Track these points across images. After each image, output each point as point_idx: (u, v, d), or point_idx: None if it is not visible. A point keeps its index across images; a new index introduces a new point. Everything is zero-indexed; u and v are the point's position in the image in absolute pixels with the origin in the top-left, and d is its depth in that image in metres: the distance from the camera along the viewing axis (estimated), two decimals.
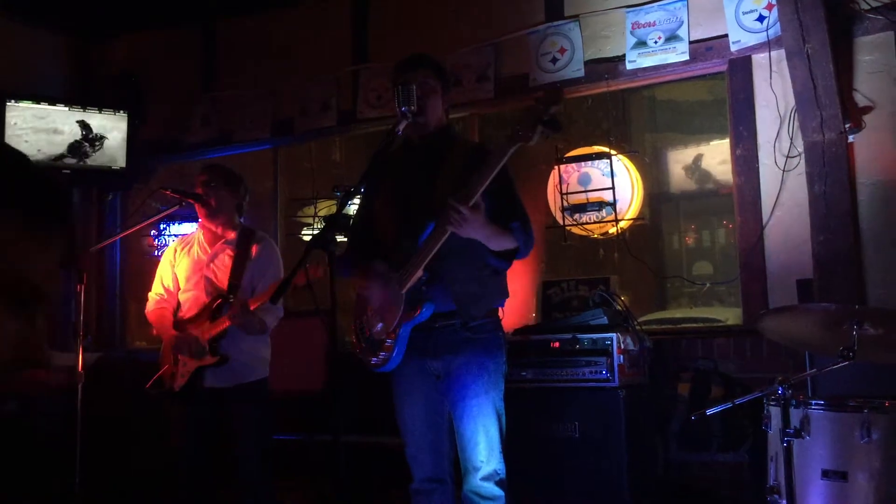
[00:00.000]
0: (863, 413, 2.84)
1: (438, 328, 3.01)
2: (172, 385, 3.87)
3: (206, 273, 3.95)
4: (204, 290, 3.92)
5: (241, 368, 3.87)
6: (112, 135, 6.02)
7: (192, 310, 3.94)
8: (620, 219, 4.88)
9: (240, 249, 3.93)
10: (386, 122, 5.52)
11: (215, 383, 3.84)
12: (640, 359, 4.16)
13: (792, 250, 4.35)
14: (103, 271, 6.55)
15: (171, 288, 4.06)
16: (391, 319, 3.01)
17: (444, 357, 3.05)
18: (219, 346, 3.80)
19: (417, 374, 3.10)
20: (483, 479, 3.02)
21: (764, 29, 4.41)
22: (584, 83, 5.01)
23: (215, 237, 4.01)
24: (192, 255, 4.02)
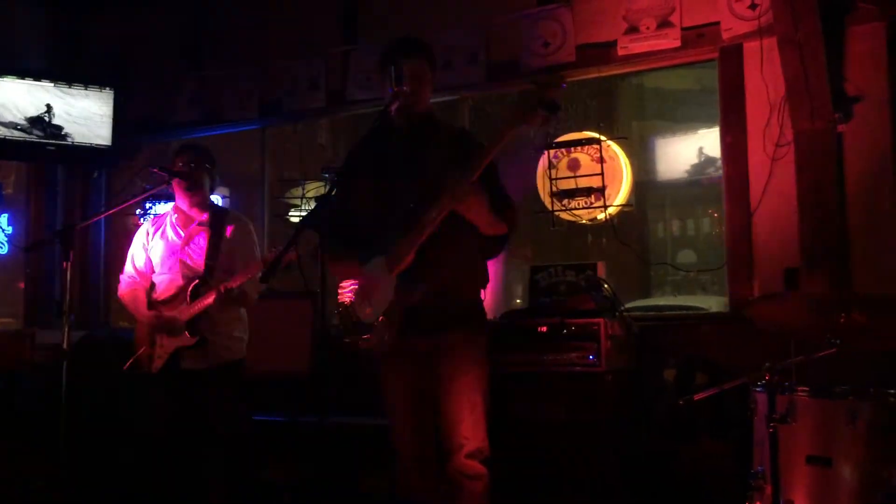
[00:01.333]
0: (848, 400, 2.87)
1: (428, 308, 3.01)
2: (150, 367, 3.86)
3: (181, 256, 3.96)
4: (180, 273, 3.93)
5: (219, 349, 3.89)
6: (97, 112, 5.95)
7: (168, 292, 3.94)
8: (609, 205, 4.88)
9: (214, 230, 3.94)
10: (376, 103, 5.48)
11: (193, 365, 3.85)
12: (627, 344, 4.18)
13: (779, 239, 4.36)
14: (87, 250, 6.50)
15: (144, 270, 4.06)
16: (382, 302, 3.02)
17: (432, 335, 3.06)
18: (197, 328, 3.80)
19: (405, 354, 3.11)
20: (467, 457, 3.03)
21: (756, 17, 4.41)
22: (576, 68, 4.99)
23: (188, 219, 4.01)
24: (166, 237, 4.02)
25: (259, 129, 6.17)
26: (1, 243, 6.58)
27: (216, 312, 3.82)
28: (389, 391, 3.20)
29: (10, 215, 6.69)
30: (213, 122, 6.13)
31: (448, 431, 3.07)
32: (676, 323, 4.72)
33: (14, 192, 6.96)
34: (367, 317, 3.07)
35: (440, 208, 2.88)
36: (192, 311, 3.80)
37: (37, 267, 6.49)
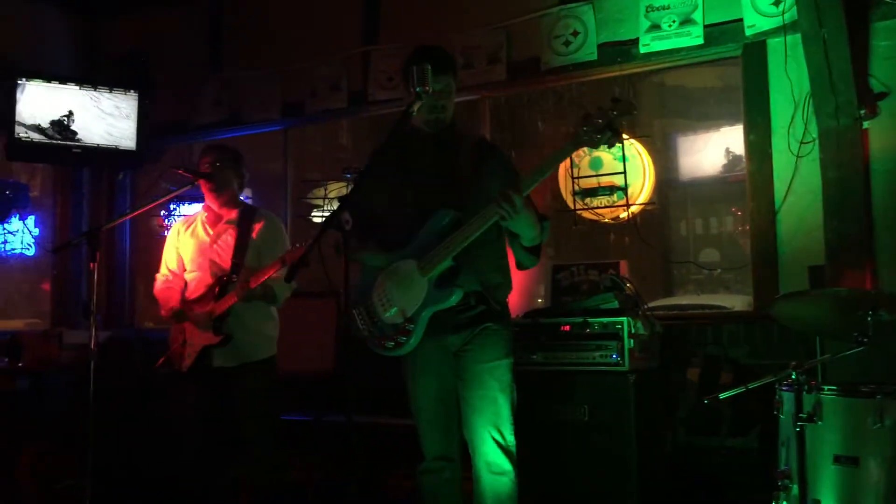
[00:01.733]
0: (875, 399, 2.84)
1: (459, 307, 3.09)
2: (181, 365, 3.89)
3: (209, 254, 3.98)
4: (209, 271, 3.95)
5: (248, 347, 3.90)
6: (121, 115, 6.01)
7: (198, 290, 3.96)
8: (632, 203, 4.86)
9: (242, 228, 3.96)
10: (397, 104, 5.50)
11: (223, 363, 3.87)
12: (650, 343, 4.16)
13: (804, 236, 4.33)
14: (113, 251, 6.56)
15: (177, 269, 4.08)
16: (411, 305, 3.08)
17: (462, 333, 3.14)
18: (222, 326, 3.81)
19: (433, 352, 3.17)
20: (494, 453, 3.08)
21: (779, 13, 4.38)
22: (597, 66, 4.98)
23: (218, 217, 4.04)
24: (196, 236, 4.05)
25: (281, 131, 6.20)
26: (28, 245, 6.67)
27: (244, 310, 3.84)
28: (416, 388, 3.25)
29: (36, 217, 6.78)
30: (236, 124, 6.17)
31: (475, 428, 3.11)
32: (700, 322, 4.68)
33: (40, 194, 7.05)
34: (391, 318, 3.13)
35: (485, 218, 2.93)
36: (219, 311, 3.81)
37: (63, 268, 6.57)
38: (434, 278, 3.05)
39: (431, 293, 3.05)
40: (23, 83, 5.78)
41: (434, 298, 3.05)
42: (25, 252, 6.70)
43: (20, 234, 6.74)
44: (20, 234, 6.74)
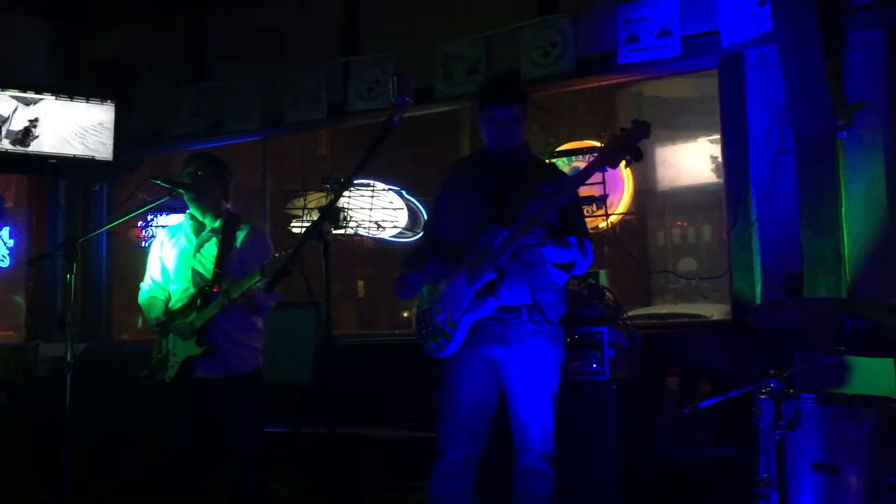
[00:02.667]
0: (853, 406, 2.86)
1: (509, 320, 3.27)
2: (164, 376, 3.84)
3: (192, 264, 3.93)
4: (192, 281, 3.90)
5: (233, 358, 3.85)
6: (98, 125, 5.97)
7: (181, 300, 3.91)
8: (610, 213, 4.88)
9: (225, 237, 3.91)
10: (377, 114, 5.51)
11: (207, 374, 3.81)
12: (630, 353, 4.18)
13: (781, 246, 4.37)
14: (89, 262, 6.50)
15: (160, 279, 4.03)
16: (456, 310, 3.28)
17: (511, 345, 3.28)
18: (204, 337, 3.76)
19: (478, 360, 3.33)
20: (540, 458, 3.25)
21: (755, 25, 4.43)
22: (576, 78, 5.02)
23: (201, 226, 3.99)
24: (179, 245, 4.00)
25: (260, 141, 6.18)
26: (3, 256, 6.59)
27: (228, 321, 3.80)
28: (457, 390, 3.35)
29: (11, 228, 6.70)
30: (215, 134, 6.15)
31: (521, 433, 3.27)
32: (679, 331, 4.72)
33: (15, 205, 6.97)
34: (441, 323, 3.34)
35: (514, 237, 3.12)
36: (202, 320, 3.77)
37: (39, 280, 6.50)
38: (475, 287, 3.22)
39: (472, 301, 3.24)
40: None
41: (472, 306, 3.24)
42: (0, 264, 6.62)
43: None
44: None
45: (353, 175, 3.15)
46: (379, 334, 6.13)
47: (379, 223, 5.72)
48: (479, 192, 3.40)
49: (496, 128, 3.33)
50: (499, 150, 3.39)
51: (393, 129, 3.07)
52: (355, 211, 5.70)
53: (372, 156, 3.01)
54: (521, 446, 3.28)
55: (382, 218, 5.73)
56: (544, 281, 3.29)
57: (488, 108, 3.34)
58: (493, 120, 3.32)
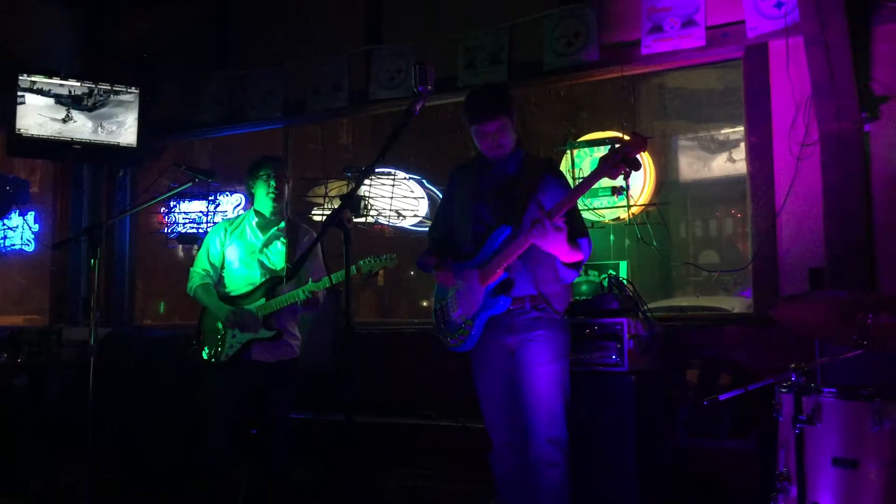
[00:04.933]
0: (875, 402, 2.83)
1: (515, 311, 3.43)
2: (218, 355, 4.03)
3: (259, 257, 4.17)
4: (258, 272, 4.15)
5: (285, 346, 4.13)
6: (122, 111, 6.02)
7: (244, 288, 4.15)
8: (632, 204, 4.86)
9: (290, 238, 4.20)
10: (399, 103, 5.51)
11: (261, 357, 4.05)
12: (650, 345, 4.16)
13: (804, 239, 4.34)
14: (112, 247, 6.56)
15: (217, 265, 4.24)
16: (471, 309, 3.46)
17: (519, 333, 3.44)
18: (273, 322, 4.04)
19: (497, 351, 3.49)
20: (546, 444, 3.34)
21: (782, 15, 4.38)
22: (599, 68, 4.99)
23: (267, 223, 4.23)
24: (244, 237, 4.22)
25: (282, 129, 6.20)
26: (28, 241, 6.67)
27: (286, 311, 4.08)
28: (483, 382, 3.55)
29: (36, 213, 6.78)
30: (237, 122, 6.18)
31: (527, 421, 3.39)
32: (700, 323, 4.69)
33: (40, 190, 7.05)
34: (457, 318, 3.52)
35: (525, 240, 3.26)
36: (271, 308, 4.03)
37: (62, 264, 6.57)
38: (490, 287, 3.40)
39: (487, 300, 3.42)
40: (24, 78, 5.78)
41: (487, 305, 3.42)
42: (25, 248, 6.70)
43: (20, 229, 6.75)
44: (20, 229, 6.75)
45: (374, 163, 3.20)
46: (398, 323, 6.14)
47: (399, 212, 5.73)
48: (481, 196, 3.55)
49: (487, 141, 3.48)
50: (496, 158, 3.55)
51: (414, 118, 3.08)
52: (376, 199, 5.72)
53: (393, 144, 3.04)
54: (528, 433, 3.39)
55: (403, 206, 5.74)
56: (548, 273, 3.43)
57: (474, 124, 3.48)
58: (481, 133, 3.47)
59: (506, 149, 3.52)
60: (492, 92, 3.59)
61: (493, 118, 3.44)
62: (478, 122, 3.46)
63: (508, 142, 3.51)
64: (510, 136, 3.51)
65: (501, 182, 3.53)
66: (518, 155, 3.57)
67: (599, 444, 3.91)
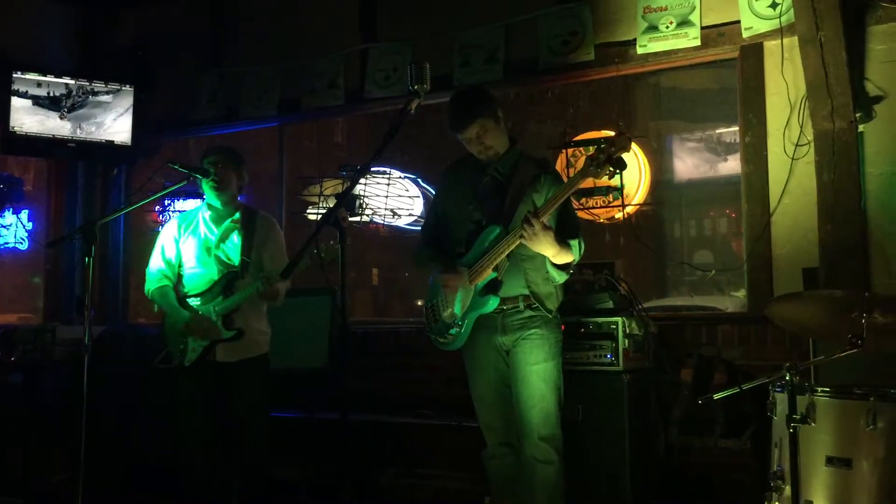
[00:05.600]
0: (868, 401, 2.85)
1: (507, 311, 3.45)
2: (182, 360, 3.93)
3: (216, 252, 4.04)
4: (215, 268, 4.02)
5: (250, 343, 3.99)
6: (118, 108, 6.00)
7: (201, 286, 4.02)
8: (627, 204, 4.87)
9: (247, 229, 4.05)
10: (394, 102, 5.50)
11: (226, 358, 3.94)
12: (644, 344, 4.17)
13: (799, 239, 4.35)
14: (107, 246, 6.55)
15: (175, 264, 4.11)
16: (460, 309, 3.47)
17: (512, 333, 3.46)
18: (233, 321, 3.93)
19: (489, 350, 3.52)
20: (541, 440, 3.37)
21: (777, 16, 4.39)
22: (594, 67, 4.99)
23: (221, 216, 4.09)
24: (200, 234, 4.09)
25: (277, 127, 6.20)
26: (21, 239, 6.64)
27: (246, 307, 3.94)
28: (476, 381, 3.57)
29: (30, 211, 6.75)
30: (232, 120, 6.16)
31: (521, 419, 3.41)
32: (694, 322, 4.70)
33: (34, 188, 7.02)
34: (448, 317, 3.52)
35: (513, 239, 3.29)
36: (229, 306, 3.91)
37: (57, 263, 6.55)
38: (479, 287, 3.42)
39: (476, 300, 3.44)
40: (18, 76, 5.76)
41: (477, 304, 3.43)
42: (19, 246, 6.67)
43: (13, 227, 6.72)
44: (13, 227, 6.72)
45: (370, 162, 3.20)
46: (393, 321, 6.14)
47: (395, 211, 5.73)
48: (473, 195, 3.56)
49: (473, 146, 3.50)
50: (486, 159, 3.55)
51: (410, 117, 3.08)
52: (371, 198, 5.72)
53: (388, 143, 3.02)
54: (522, 431, 3.41)
55: (398, 205, 5.74)
56: (539, 274, 3.45)
57: (455, 132, 3.50)
58: (466, 140, 3.49)
59: (495, 150, 3.52)
60: (467, 97, 3.56)
61: (469, 123, 3.44)
62: (455, 129, 3.48)
63: (496, 143, 3.51)
64: (496, 136, 3.50)
65: (494, 181, 3.55)
66: (512, 154, 3.58)
67: (593, 442, 3.92)
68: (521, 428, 3.42)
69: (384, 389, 5.07)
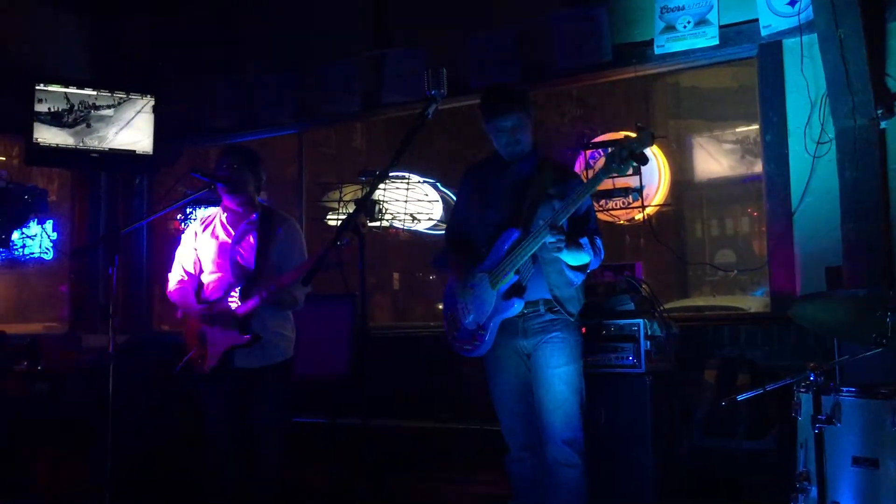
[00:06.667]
0: (894, 400, 2.82)
1: (528, 314, 3.44)
2: (203, 367, 3.89)
3: (232, 254, 3.97)
4: (231, 272, 3.94)
5: (270, 348, 3.90)
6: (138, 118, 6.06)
7: (219, 290, 3.94)
8: (647, 205, 4.85)
9: (263, 230, 3.96)
10: (411, 106, 5.51)
11: (245, 364, 3.85)
12: (666, 345, 4.15)
13: (821, 237, 4.31)
14: (130, 254, 6.60)
15: (193, 271, 4.07)
16: (483, 313, 3.45)
17: (532, 337, 3.45)
18: (250, 325, 3.82)
19: (510, 354, 3.50)
20: (564, 443, 3.35)
21: (795, 13, 4.36)
22: (612, 68, 4.98)
23: (238, 218, 4.02)
24: (217, 237, 4.03)
25: (296, 134, 6.22)
26: (46, 249, 6.71)
27: (266, 311, 3.85)
28: (497, 386, 3.56)
29: (54, 222, 6.82)
30: (251, 127, 6.20)
31: (544, 422, 3.40)
32: (717, 323, 4.67)
33: (58, 199, 7.10)
34: (470, 324, 3.51)
35: (537, 238, 3.28)
36: (244, 309, 3.81)
37: (81, 272, 6.61)
38: (501, 290, 3.40)
39: (499, 303, 3.42)
40: (41, 88, 5.83)
41: (500, 308, 3.41)
42: (44, 256, 6.74)
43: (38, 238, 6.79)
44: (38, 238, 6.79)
45: (389, 167, 3.20)
46: (413, 326, 6.15)
47: (414, 215, 5.74)
48: (493, 197, 3.55)
49: (505, 137, 3.48)
50: (512, 156, 3.54)
51: (427, 122, 3.08)
52: (390, 203, 5.73)
53: (407, 148, 3.04)
54: (545, 434, 3.41)
55: (417, 210, 5.75)
56: (561, 278, 3.43)
57: (493, 119, 3.48)
58: (500, 129, 3.47)
59: (524, 146, 3.51)
60: (508, 88, 3.63)
61: (511, 112, 3.45)
62: (496, 115, 3.46)
63: (526, 140, 3.51)
64: (528, 134, 3.52)
65: (515, 183, 3.53)
66: (534, 156, 3.57)
67: (616, 444, 3.90)
68: (543, 431, 3.41)
69: (405, 394, 5.08)
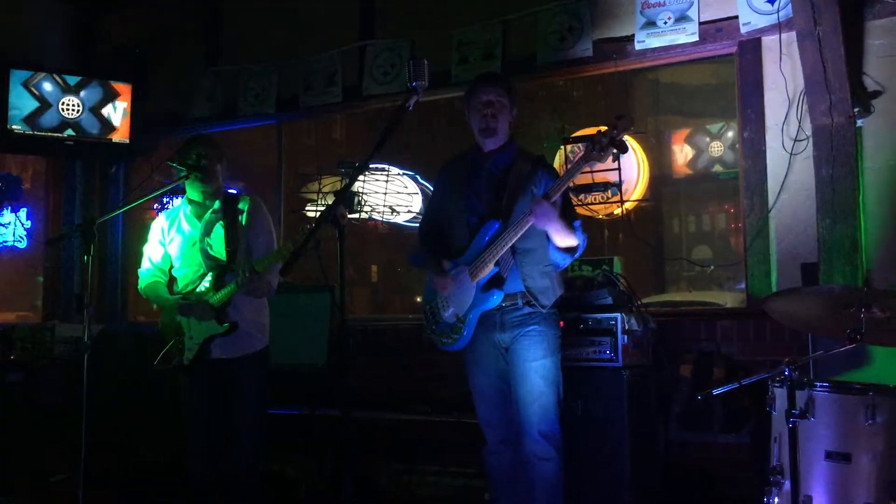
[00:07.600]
0: (867, 396, 2.85)
1: (506, 307, 3.45)
2: (181, 359, 3.86)
3: (202, 246, 3.94)
4: (204, 264, 3.91)
5: (247, 337, 3.88)
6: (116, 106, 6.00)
7: (193, 283, 3.91)
8: (626, 200, 4.87)
9: (228, 217, 3.93)
10: (392, 99, 5.50)
11: (222, 354, 3.84)
12: (643, 340, 4.18)
13: (797, 234, 4.35)
14: (105, 243, 6.54)
15: (162, 265, 4.04)
16: (463, 306, 3.47)
17: (511, 330, 3.47)
18: (227, 315, 3.80)
19: (488, 348, 3.53)
20: (541, 436, 3.37)
21: (775, 11, 4.39)
22: (592, 63, 4.99)
23: (203, 209, 3.98)
24: (184, 230, 4.00)
25: (275, 125, 6.19)
26: (20, 237, 6.64)
27: (241, 300, 3.83)
28: (475, 379, 3.59)
29: (28, 210, 6.75)
30: (230, 118, 6.16)
31: (520, 415, 3.42)
32: (693, 318, 4.70)
33: (32, 186, 7.02)
34: (449, 318, 3.53)
35: (521, 226, 3.29)
36: (220, 298, 3.79)
37: (55, 261, 6.55)
38: (481, 282, 3.41)
39: (478, 296, 3.43)
40: (16, 74, 5.75)
41: (480, 300, 3.43)
42: (17, 244, 6.67)
43: (12, 226, 6.71)
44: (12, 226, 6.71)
45: (368, 159, 3.14)
46: (392, 318, 6.14)
47: (393, 207, 5.73)
48: (471, 191, 3.56)
49: (481, 112, 3.49)
50: (484, 133, 3.54)
51: (408, 114, 3.07)
52: (370, 195, 5.71)
53: (387, 140, 3.02)
54: (522, 428, 3.42)
55: (397, 202, 5.74)
56: (536, 268, 3.45)
57: (474, 93, 3.53)
58: (478, 104, 3.49)
59: (498, 134, 3.53)
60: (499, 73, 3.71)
61: (493, 85, 3.51)
62: (477, 88, 3.52)
63: (503, 126, 3.53)
64: (504, 121, 3.53)
65: (493, 175, 3.55)
66: (511, 149, 3.59)
67: (593, 438, 3.93)
68: (520, 424, 3.42)
69: (384, 386, 5.08)
